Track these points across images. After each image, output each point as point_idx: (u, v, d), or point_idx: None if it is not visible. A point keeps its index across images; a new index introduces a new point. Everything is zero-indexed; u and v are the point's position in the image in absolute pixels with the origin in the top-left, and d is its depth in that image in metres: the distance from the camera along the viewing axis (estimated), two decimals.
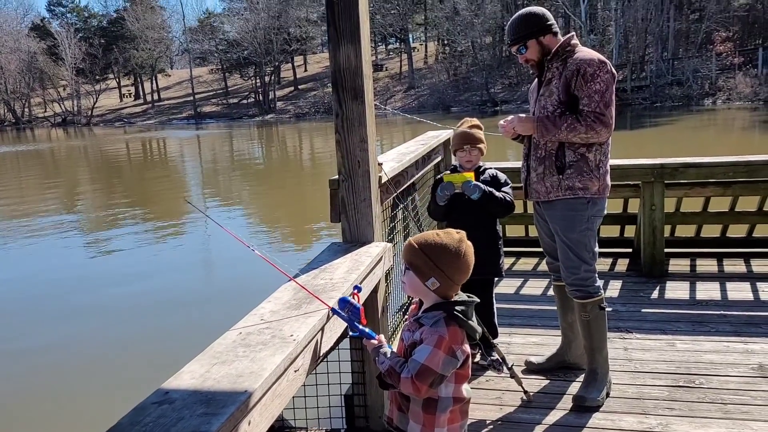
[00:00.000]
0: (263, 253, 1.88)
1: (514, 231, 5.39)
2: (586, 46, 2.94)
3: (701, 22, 39.71)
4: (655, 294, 4.20)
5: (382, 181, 2.77)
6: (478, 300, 1.83)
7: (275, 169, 21.70)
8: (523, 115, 2.79)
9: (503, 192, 3.17)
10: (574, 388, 2.93)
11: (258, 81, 57.12)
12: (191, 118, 55.10)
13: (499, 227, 3.31)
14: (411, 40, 57.22)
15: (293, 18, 55.61)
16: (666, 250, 4.60)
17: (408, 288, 1.81)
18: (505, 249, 3.44)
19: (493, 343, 2.93)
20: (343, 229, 2.63)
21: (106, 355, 6.03)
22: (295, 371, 1.65)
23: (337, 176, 2.57)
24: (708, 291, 4.16)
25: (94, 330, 6.75)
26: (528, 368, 3.17)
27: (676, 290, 4.24)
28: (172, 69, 74.51)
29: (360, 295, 1.98)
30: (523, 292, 4.39)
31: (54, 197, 16.95)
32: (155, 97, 64.10)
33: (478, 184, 3.09)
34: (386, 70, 56.59)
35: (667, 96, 35.97)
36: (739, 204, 4.77)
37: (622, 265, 4.85)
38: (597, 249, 2.84)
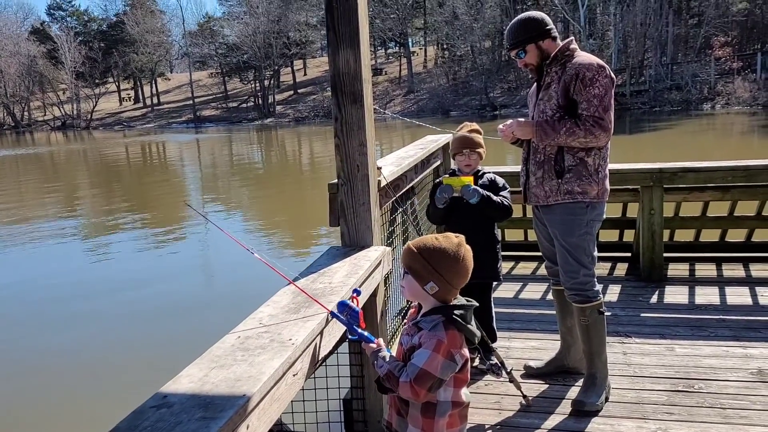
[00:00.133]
0: (262, 257, 1.87)
1: (513, 235, 5.39)
2: (585, 51, 2.95)
3: (700, 27, 39.85)
4: (654, 298, 4.20)
5: (381, 185, 2.77)
6: (477, 304, 1.82)
7: (275, 173, 21.69)
8: (522, 120, 2.79)
9: (501, 196, 3.18)
10: (573, 392, 2.93)
11: (257, 85, 57.20)
12: (191, 122, 55.14)
13: (497, 231, 3.32)
14: (410, 44, 57.39)
15: (293, 22, 55.73)
16: (665, 255, 4.61)
17: (407, 292, 1.81)
18: (505, 253, 3.45)
19: (492, 347, 2.93)
20: (342, 233, 2.62)
21: (104, 359, 6.02)
22: (294, 375, 1.64)
23: (337, 180, 2.57)
24: (707, 295, 4.16)
25: (93, 333, 6.74)
26: (527, 372, 3.17)
27: (675, 295, 4.24)
28: (171, 73, 74.60)
29: (359, 298, 1.98)
30: (522, 296, 4.39)
31: (53, 201, 16.93)
32: (155, 100, 64.17)
33: (476, 188, 3.09)
34: (385, 74, 56.68)
35: (666, 100, 36.05)
36: (738, 209, 4.78)
37: (621, 269, 4.85)
38: (596, 253, 2.84)
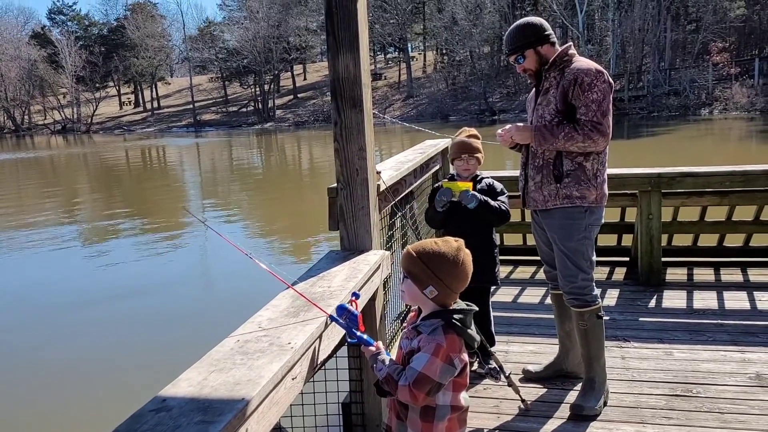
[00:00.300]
0: (261, 261, 1.88)
1: (512, 239, 5.39)
2: (584, 56, 2.96)
3: (698, 33, 39.97)
4: (653, 303, 4.20)
5: (381, 190, 2.77)
6: (476, 308, 1.83)
7: (274, 177, 21.69)
8: (521, 124, 2.80)
9: (499, 201, 3.20)
10: (572, 396, 2.93)
11: (257, 89, 57.31)
12: (191, 126, 55.22)
13: (495, 235, 3.33)
14: (410, 49, 57.47)
15: (293, 27, 55.88)
16: (663, 259, 4.61)
17: (406, 296, 1.81)
18: (503, 257, 3.45)
19: (491, 351, 2.93)
20: (341, 237, 2.63)
21: (103, 363, 6.01)
22: (293, 379, 1.64)
23: (336, 184, 2.58)
24: (705, 300, 4.17)
25: (92, 337, 6.74)
26: (525, 377, 3.17)
27: (674, 299, 4.24)
28: (171, 77, 74.76)
29: (358, 302, 1.99)
30: (521, 300, 4.39)
31: (53, 206, 16.91)
32: (155, 105, 64.28)
33: (474, 193, 3.11)
34: (385, 79, 56.82)
35: (664, 106, 36.10)
36: (736, 213, 4.79)
37: (620, 273, 4.86)
38: (594, 258, 2.84)
